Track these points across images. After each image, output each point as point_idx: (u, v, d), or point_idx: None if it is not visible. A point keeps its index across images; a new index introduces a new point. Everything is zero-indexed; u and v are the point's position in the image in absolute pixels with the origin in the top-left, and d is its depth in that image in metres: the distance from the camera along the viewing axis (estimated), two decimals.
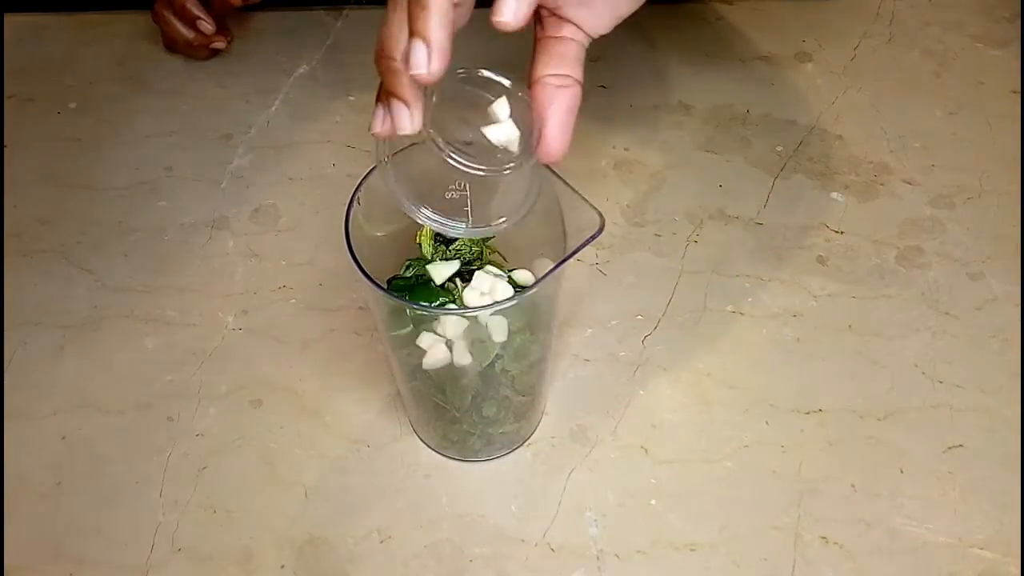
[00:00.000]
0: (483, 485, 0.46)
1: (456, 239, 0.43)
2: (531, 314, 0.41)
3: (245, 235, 0.57)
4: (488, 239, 0.44)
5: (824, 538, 0.44)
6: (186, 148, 0.62)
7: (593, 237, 0.36)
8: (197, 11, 0.64)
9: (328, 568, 0.44)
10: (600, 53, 0.67)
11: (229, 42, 0.66)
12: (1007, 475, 0.46)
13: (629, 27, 0.70)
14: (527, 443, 0.48)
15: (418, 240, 0.43)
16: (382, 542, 0.44)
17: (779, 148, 0.62)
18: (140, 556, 0.44)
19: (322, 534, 0.45)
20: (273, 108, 0.64)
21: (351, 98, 0.65)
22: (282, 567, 0.44)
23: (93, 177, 0.60)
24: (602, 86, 0.65)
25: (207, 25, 0.64)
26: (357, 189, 0.40)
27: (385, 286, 0.39)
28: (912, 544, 0.44)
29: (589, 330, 0.52)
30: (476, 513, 0.45)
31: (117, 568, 0.44)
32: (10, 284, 0.54)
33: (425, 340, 0.40)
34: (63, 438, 0.48)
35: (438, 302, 0.41)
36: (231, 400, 0.49)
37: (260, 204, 0.58)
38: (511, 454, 0.47)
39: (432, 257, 0.43)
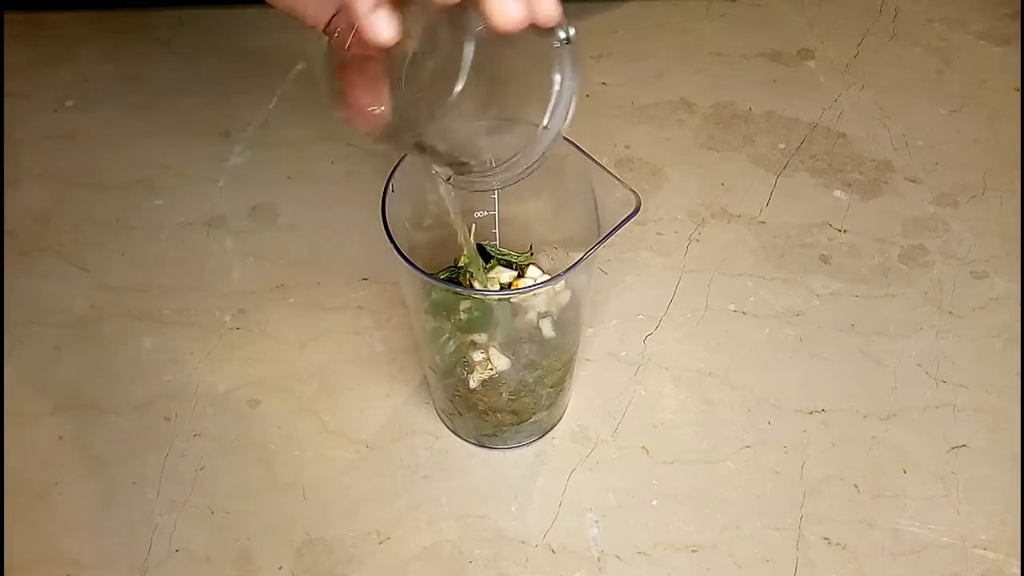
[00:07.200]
0: (483, 486, 0.46)
1: (492, 256, 0.46)
2: (563, 309, 0.42)
3: (243, 234, 0.56)
4: (524, 252, 0.46)
5: (827, 539, 0.44)
6: (183, 146, 0.61)
7: (630, 217, 0.36)
8: None
9: (326, 569, 0.43)
10: (602, 50, 0.67)
11: None
12: (1010, 475, 0.46)
13: (631, 24, 0.70)
14: (550, 436, 0.48)
15: (462, 240, 0.44)
16: (381, 543, 0.44)
17: (782, 146, 0.61)
18: (138, 557, 0.44)
19: (320, 535, 0.44)
20: (271, 105, 0.64)
21: None
22: (280, 568, 0.43)
23: (90, 175, 0.60)
24: (603, 83, 0.64)
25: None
26: (390, 177, 0.39)
27: (426, 277, 0.39)
28: (915, 544, 0.44)
29: (590, 329, 0.52)
30: (476, 514, 0.45)
31: (114, 569, 0.43)
32: (7, 283, 0.54)
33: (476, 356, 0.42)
34: (60, 438, 0.48)
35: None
36: (229, 400, 0.49)
37: (258, 202, 0.58)
38: (514, 451, 0.47)
39: (467, 266, 0.45)
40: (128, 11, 0.70)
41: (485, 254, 0.46)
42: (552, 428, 0.48)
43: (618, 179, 0.38)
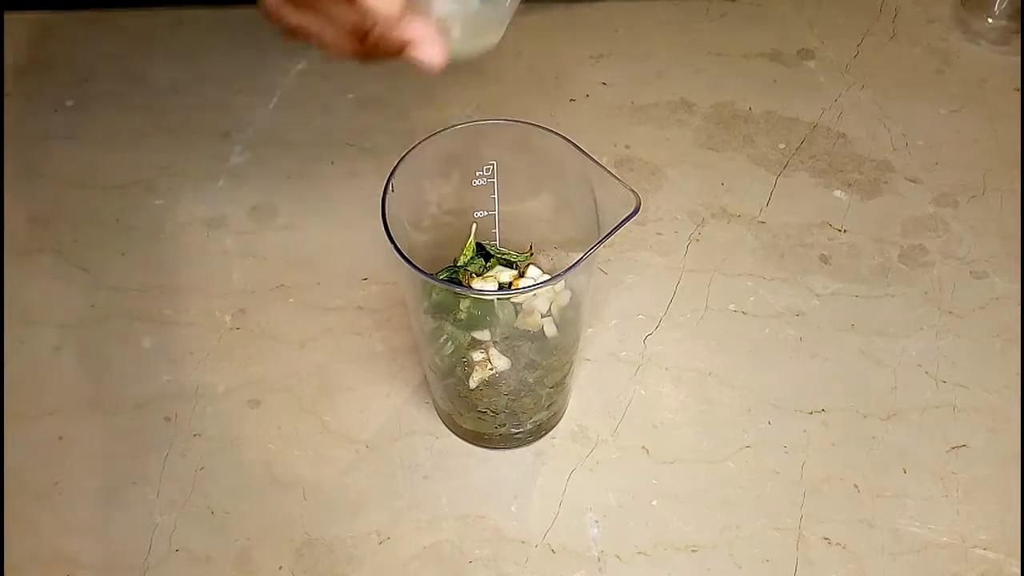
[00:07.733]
0: (483, 486, 0.46)
1: (492, 255, 0.45)
2: (563, 309, 0.42)
3: (243, 234, 0.56)
4: (524, 252, 0.46)
5: (827, 539, 0.44)
6: (183, 146, 0.61)
7: (630, 217, 0.36)
8: None
9: (326, 569, 0.43)
10: (602, 50, 0.67)
11: None
12: (1010, 475, 0.46)
13: (631, 24, 0.70)
14: (549, 436, 0.48)
15: (467, 245, 0.45)
16: (381, 543, 0.44)
17: (782, 146, 0.61)
18: (138, 557, 0.44)
19: (320, 535, 0.44)
20: (271, 105, 0.64)
21: (350, 96, 0.64)
22: (280, 568, 0.43)
23: (90, 175, 0.60)
24: (603, 83, 0.64)
25: None
26: (390, 177, 0.39)
27: (426, 277, 0.39)
28: (915, 544, 0.44)
29: (590, 329, 0.52)
30: (476, 514, 0.45)
31: (114, 569, 0.43)
32: (7, 283, 0.54)
33: (475, 356, 0.42)
34: (60, 438, 0.48)
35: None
36: (229, 400, 0.49)
37: (258, 202, 0.58)
38: (514, 451, 0.47)
39: (467, 265, 0.45)
40: (128, 11, 0.70)
41: (485, 254, 0.46)
42: (552, 428, 0.48)
43: (618, 179, 0.38)
